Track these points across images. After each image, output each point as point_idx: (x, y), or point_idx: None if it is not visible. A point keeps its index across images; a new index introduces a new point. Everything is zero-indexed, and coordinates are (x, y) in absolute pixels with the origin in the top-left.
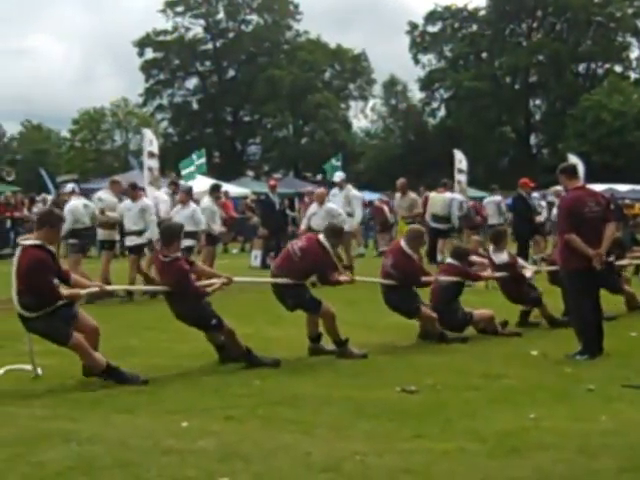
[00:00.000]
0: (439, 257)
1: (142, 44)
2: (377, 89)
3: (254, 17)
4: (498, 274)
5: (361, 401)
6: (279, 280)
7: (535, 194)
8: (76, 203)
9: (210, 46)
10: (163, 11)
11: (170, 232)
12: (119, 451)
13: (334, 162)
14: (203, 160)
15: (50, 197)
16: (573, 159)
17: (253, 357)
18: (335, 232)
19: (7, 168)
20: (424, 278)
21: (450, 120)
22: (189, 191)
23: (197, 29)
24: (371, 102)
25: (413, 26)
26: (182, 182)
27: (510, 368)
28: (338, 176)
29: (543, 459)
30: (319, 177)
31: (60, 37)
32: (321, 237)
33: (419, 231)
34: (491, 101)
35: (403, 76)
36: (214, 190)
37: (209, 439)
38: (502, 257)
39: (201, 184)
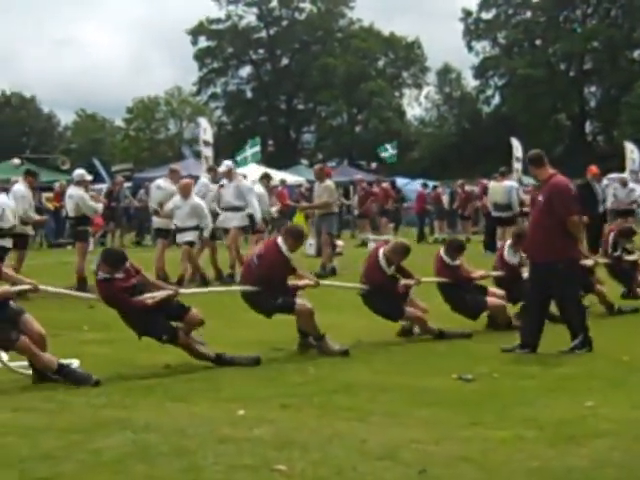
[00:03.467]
0: (499, 244)
1: (196, 33)
2: (431, 77)
3: (307, 5)
4: (494, 273)
5: (417, 389)
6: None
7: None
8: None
9: (264, 34)
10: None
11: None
12: (175, 439)
13: (390, 149)
14: (257, 148)
15: (104, 186)
16: (629, 146)
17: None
18: (294, 234)
19: (62, 157)
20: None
21: (504, 108)
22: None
23: (250, 17)
24: (425, 90)
25: (467, 13)
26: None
27: (565, 356)
28: (226, 165)
29: (600, 447)
30: (373, 165)
31: (114, 26)
32: (279, 240)
33: (405, 247)
34: (545, 88)
35: (457, 64)
36: (264, 177)
37: (265, 427)
38: (514, 259)
39: (255, 172)
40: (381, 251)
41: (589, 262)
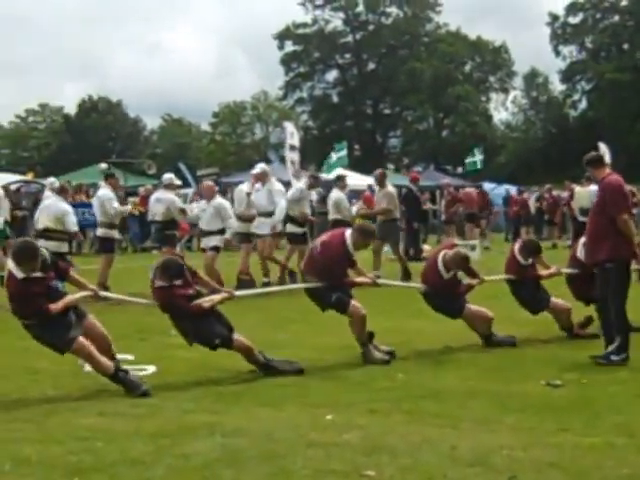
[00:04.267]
0: None
1: (282, 37)
2: (517, 81)
3: (394, 9)
4: (565, 270)
5: (506, 395)
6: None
7: None
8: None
9: (350, 39)
10: (302, 4)
11: None
12: (264, 443)
13: (477, 155)
14: (344, 152)
15: (191, 191)
16: None
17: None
18: (363, 230)
19: (148, 161)
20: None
21: (591, 112)
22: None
23: (337, 22)
24: (512, 94)
25: (554, 17)
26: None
27: None
28: (259, 167)
29: None
30: (460, 170)
31: (199, 31)
32: (347, 233)
33: (464, 258)
34: (633, 93)
35: (544, 68)
36: (339, 180)
37: (354, 432)
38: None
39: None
40: (440, 256)
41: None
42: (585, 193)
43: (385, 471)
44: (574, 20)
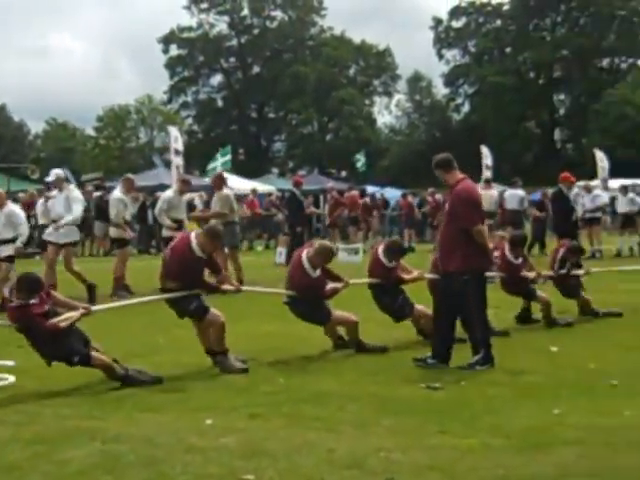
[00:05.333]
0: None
1: (167, 41)
2: (401, 85)
3: (278, 13)
4: (428, 275)
5: (385, 398)
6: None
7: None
8: None
9: (235, 43)
10: (188, 8)
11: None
12: (143, 449)
13: (359, 157)
14: (228, 157)
15: None
16: (599, 154)
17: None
18: (211, 233)
19: (31, 166)
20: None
21: (474, 115)
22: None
23: (222, 26)
24: (395, 98)
25: (437, 21)
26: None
27: (533, 364)
28: (54, 174)
29: (567, 455)
30: (344, 173)
31: (83, 35)
32: (192, 235)
33: (328, 249)
34: (515, 96)
35: (427, 72)
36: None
37: (233, 437)
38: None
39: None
40: (304, 254)
41: (530, 275)
42: (486, 196)
43: (264, 474)
44: (457, 24)
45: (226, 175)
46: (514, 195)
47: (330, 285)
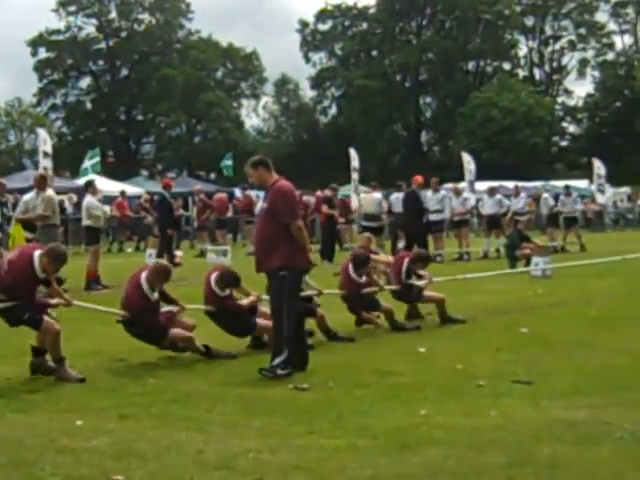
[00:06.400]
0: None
1: (35, 43)
2: (269, 87)
3: (146, 16)
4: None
5: (254, 399)
6: None
7: (443, 191)
8: None
9: (103, 45)
10: (56, 10)
11: None
12: (14, 450)
13: (227, 161)
14: (97, 159)
15: None
16: (466, 157)
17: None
18: (53, 253)
19: None
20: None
21: (342, 118)
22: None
23: (90, 28)
24: (263, 100)
25: (304, 24)
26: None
27: (400, 365)
28: None
29: (434, 455)
30: (212, 176)
31: None
32: (36, 253)
33: (165, 268)
34: (382, 99)
35: (294, 75)
36: (89, 185)
37: (103, 438)
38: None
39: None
40: (143, 275)
41: (374, 289)
42: (370, 199)
43: (133, 475)
44: (324, 27)
45: (95, 177)
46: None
47: (166, 309)
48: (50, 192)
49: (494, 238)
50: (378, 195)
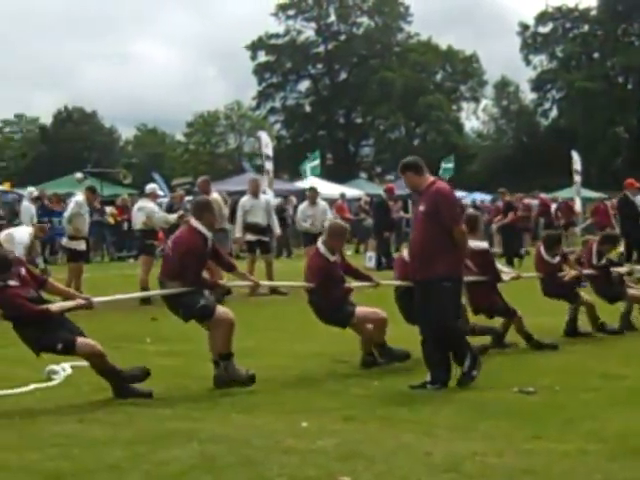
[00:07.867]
0: None
1: (255, 47)
2: (488, 90)
3: (365, 19)
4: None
5: (479, 401)
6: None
7: None
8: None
9: (322, 49)
10: (275, 14)
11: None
12: (241, 450)
13: (447, 164)
14: (317, 162)
15: (164, 200)
16: None
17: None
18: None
19: (124, 171)
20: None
21: (562, 121)
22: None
23: (309, 32)
24: (483, 103)
25: (524, 27)
26: None
27: (629, 368)
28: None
29: None
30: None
31: (171, 41)
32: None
33: (339, 227)
34: (603, 101)
35: (514, 77)
36: (310, 190)
37: (329, 439)
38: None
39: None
40: (319, 242)
41: (573, 273)
42: None
43: (361, 477)
44: (544, 29)
45: (315, 179)
46: None
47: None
48: (215, 195)
49: None
50: None
